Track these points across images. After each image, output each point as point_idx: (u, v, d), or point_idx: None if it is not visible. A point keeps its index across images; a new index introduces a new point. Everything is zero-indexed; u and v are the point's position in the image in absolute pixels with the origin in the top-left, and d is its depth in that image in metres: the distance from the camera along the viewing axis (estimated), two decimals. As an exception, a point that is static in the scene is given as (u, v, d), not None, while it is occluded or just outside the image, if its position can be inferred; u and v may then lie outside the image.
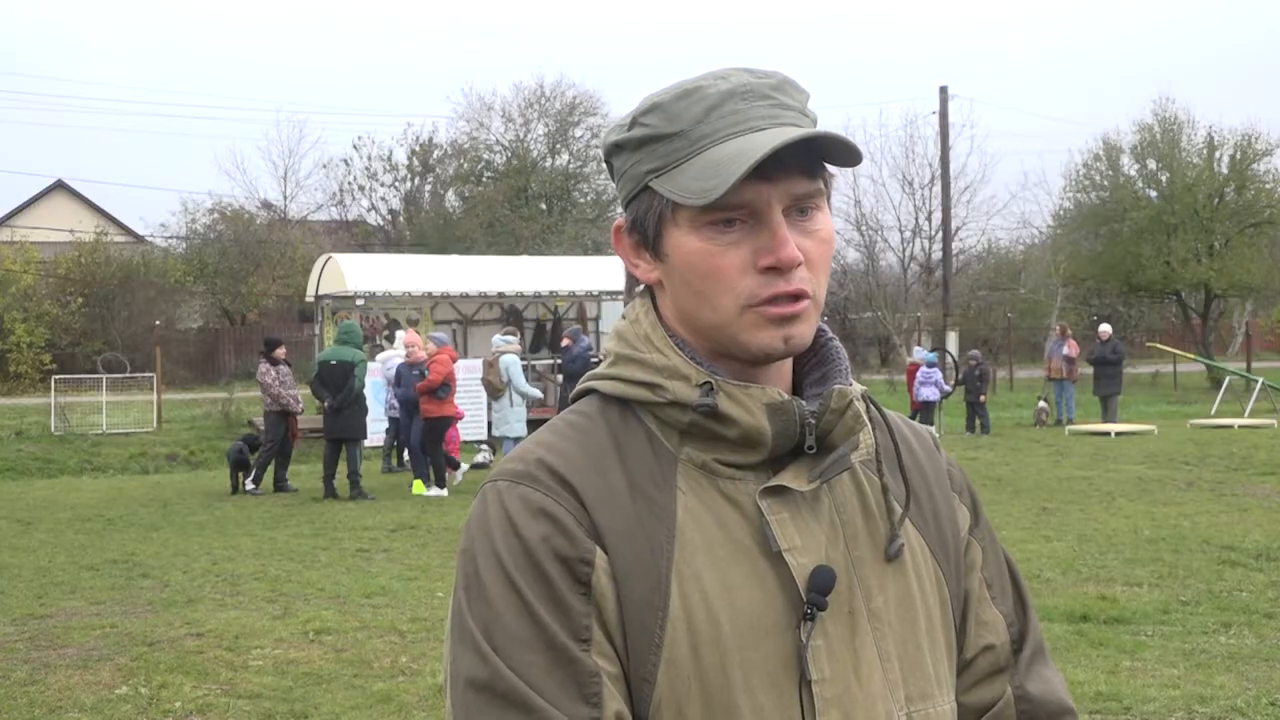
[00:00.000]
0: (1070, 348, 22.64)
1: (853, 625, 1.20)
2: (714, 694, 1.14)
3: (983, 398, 21.31)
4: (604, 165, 1.32)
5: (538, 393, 14.21)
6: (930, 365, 20.69)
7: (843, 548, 1.22)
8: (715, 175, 1.14)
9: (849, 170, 1.31)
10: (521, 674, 1.11)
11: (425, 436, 13.95)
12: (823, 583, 1.17)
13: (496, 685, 1.11)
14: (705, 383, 1.19)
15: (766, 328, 1.19)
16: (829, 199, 1.23)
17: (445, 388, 13.68)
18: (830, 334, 1.28)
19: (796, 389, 1.28)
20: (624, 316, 1.30)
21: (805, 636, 1.16)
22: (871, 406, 1.30)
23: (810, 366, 1.29)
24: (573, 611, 1.14)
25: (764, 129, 1.17)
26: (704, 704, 1.14)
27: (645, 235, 1.23)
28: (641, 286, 1.30)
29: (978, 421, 21.02)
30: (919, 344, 27.78)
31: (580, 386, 1.30)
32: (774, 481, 1.19)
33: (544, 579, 1.14)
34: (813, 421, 1.21)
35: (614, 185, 1.29)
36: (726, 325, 1.19)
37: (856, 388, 1.25)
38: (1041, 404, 22.49)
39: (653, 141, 1.20)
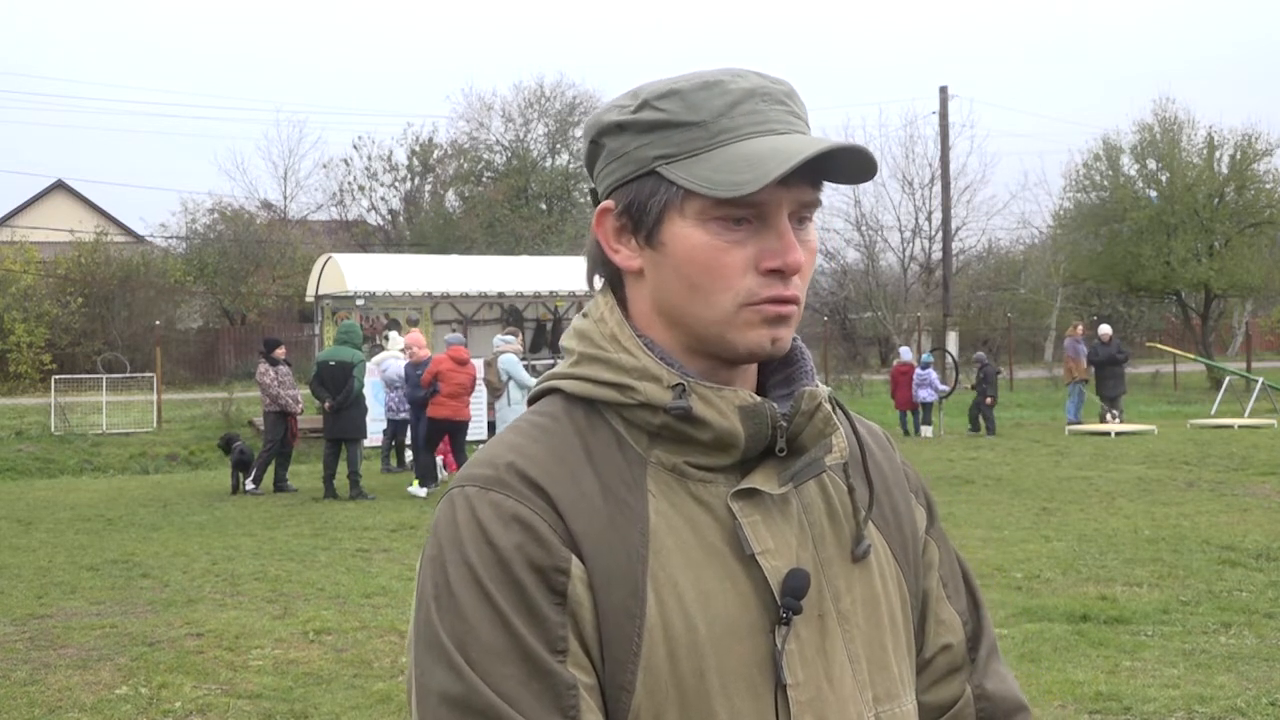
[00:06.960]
0: (1086, 347, 22.58)
1: (823, 628, 1.19)
2: (691, 700, 1.13)
3: (989, 400, 20.98)
4: None
5: (533, 381, 14.37)
6: (924, 366, 20.67)
7: (811, 550, 1.21)
8: (748, 170, 1.12)
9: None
10: (497, 688, 1.08)
11: (425, 435, 14.10)
12: (798, 586, 1.16)
13: (472, 700, 1.08)
14: (678, 384, 1.17)
15: (759, 326, 1.17)
16: None
17: (432, 389, 13.72)
18: (795, 336, 1.26)
19: (760, 390, 1.26)
20: (585, 314, 1.26)
21: (780, 640, 1.15)
22: (838, 409, 1.29)
23: (774, 368, 1.27)
24: (548, 622, 1.10)
25: (784, 133, 1.16)
26: (681, 710, 1.12)
27: (641, 221, 1.19)
28: (602, 283, 1.26)
29: (982, 423, 20.90)
30: (909, 345, 27.67)
31: (541, 386, 1.26)
32: (745, 484, 1.18)
33: (518, 589, 1.10)
34: (784, 424, 1.19)
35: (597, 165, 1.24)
36: (718, 322, 1.18)
37: (823, 389, 1.23)
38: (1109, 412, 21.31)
39: (667, 127, 1.17)
